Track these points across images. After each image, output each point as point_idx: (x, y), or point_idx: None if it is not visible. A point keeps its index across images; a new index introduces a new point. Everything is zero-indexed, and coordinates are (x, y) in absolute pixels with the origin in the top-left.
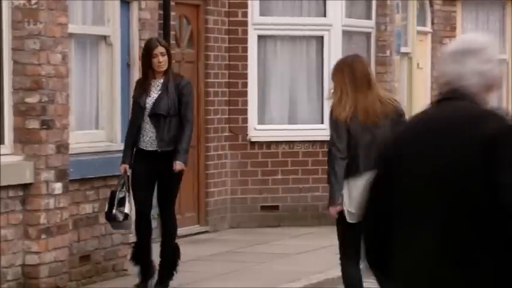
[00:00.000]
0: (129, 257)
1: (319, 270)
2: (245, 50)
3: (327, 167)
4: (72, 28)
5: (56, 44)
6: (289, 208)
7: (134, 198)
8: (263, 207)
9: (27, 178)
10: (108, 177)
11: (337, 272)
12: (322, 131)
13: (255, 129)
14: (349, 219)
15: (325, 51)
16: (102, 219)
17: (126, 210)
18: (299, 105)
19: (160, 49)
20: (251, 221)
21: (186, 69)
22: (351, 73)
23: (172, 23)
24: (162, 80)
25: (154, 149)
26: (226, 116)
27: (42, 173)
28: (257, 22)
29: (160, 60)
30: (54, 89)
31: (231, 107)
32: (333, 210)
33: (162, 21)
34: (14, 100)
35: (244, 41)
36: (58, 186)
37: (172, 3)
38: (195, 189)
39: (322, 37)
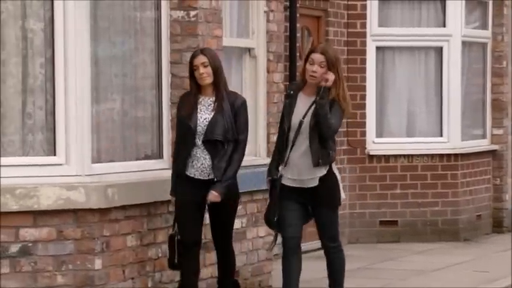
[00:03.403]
0: None
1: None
2: (363, 61)
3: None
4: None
5: None
6: (408, 223)
7: (180, 231)
8: (382, 222)
9: None
10: (254, 191)
11: None
12: (441, 144)
13: (373, 142)
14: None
15: (444, 62)
16: (250, 234)
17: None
18: (418, 118)
19: (200, 59)
20: (370, 236)
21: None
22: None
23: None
24: (213, 98)
25: (205, 178)
26: (345, 129)
27: None
28: (376, 33)
29: (201, 72)
30: None
31: (349, 120)
32: None
33: (287, 34)
34: (172, 114)
35: (363, 52)
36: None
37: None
38: None
39: (441, 48)
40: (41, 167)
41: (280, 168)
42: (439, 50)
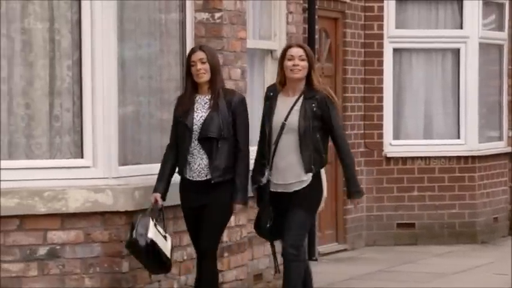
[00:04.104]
0: None
1: None
2: (381, 63)
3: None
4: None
5: (237, 59)
6: (425, 226)
7: (191, 239)
8: (399, 225)
9: None
10: None
11: None
12: (458, 146)
13: (391, 144)
14: None
15: (461, 64)
16: None
17: (150, 235)
18: (435, 120)
19: (199, 55)
20: (387, 239)
21: (325, 84)
22: None
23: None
24: (209, 96)
25: (203, 179)
26: (362, 131)
27: None
28: (393, 35)
29: (199, 68)
30: None
31: (366, 122)
32: None
33: (306, 35)
34: None
35: (380, 54)
36: None
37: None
38: (333, 206)
39: (458, 50)
40: (69, 170)
41: (266, 173)
42: (456, 52)
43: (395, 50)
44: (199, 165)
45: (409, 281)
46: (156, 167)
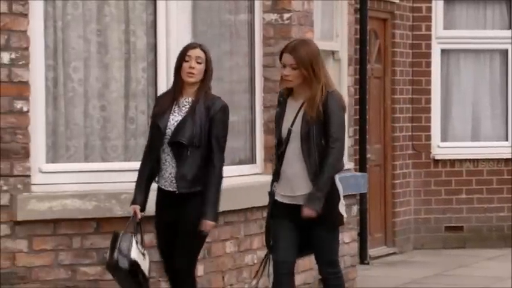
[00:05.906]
0: None
1: None
2: (428, 64)
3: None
4: None
5: None
6: (473, 229)
7: (159, 252)
8: (447, 228)
9: None
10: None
11: None
12: (506, 149)
13: (439, 146)
14: None
15: (509, 65)
16: None
17: (133, 255)
18: (482, 122)
19: (197, 52)
20: (435, 242)
21: (374, 85)
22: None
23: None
24: (190, 99)
25: (173, 190)
26: (410, 133)
27: None
28: (441, 36)
29: (193, 66)
30: None
31: (414, 124)
32: None
33: (357, 36)
34: (265, 118)
35: (428, 55)
36: None
37: None
38: (382, 209)
39: (506, 50)
40: None
41: (274, 184)
42: (505, 53)
43: (443, 51)
44: (170, 174)
45: (470, 285)
46: (226, 170)
